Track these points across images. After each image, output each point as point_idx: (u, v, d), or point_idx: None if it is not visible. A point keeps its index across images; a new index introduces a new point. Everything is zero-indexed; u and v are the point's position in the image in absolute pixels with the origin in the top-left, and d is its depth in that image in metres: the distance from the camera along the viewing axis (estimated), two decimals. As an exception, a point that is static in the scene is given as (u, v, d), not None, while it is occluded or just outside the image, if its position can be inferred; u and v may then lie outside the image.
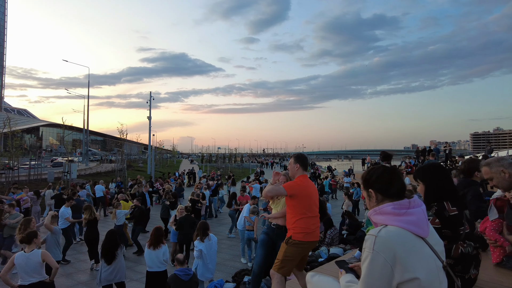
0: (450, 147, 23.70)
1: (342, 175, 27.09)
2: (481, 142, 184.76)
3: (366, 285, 1.40)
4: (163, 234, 6.11)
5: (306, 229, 3.25)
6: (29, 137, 69.59)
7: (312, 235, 3.30)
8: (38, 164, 24.61)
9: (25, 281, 4.61)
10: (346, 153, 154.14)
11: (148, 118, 35.28)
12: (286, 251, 3.21)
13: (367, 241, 1.44)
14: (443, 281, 1.46)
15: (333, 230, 7.88)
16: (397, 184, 1.57)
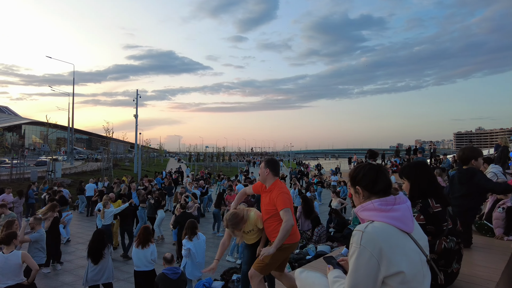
0: (434, 146, 24.35)
1: (329, 173, 27.39)
2: (464, 141, 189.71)
3: (354, 279, 1.44)
4: (151, 233, 6.07)
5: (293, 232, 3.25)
6: (10, 135, 67.71)
7: (296, 235, 3.36)
8: (21, 163, 23.98)
9: (1, 284, 4.44)
10: (333, 152, 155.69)
11: (134, 116, 34.86)
12: (274, 256, 3.15)
13: (354, 236, 1.49)
14: (427, 275, 1.52)
15: (321, 228, 7.99)
16: (383, 181, 1.61)
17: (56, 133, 28.64)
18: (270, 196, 3.31)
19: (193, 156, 65.43)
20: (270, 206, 3.28)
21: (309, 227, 8.11)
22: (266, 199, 3.36)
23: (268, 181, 3.37)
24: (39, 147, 72.11)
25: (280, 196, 3.24)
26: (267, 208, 3.32)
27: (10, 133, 69.10)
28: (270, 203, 3.29)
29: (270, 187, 3.35)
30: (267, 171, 3.36)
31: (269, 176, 3.37)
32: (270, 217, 3.29)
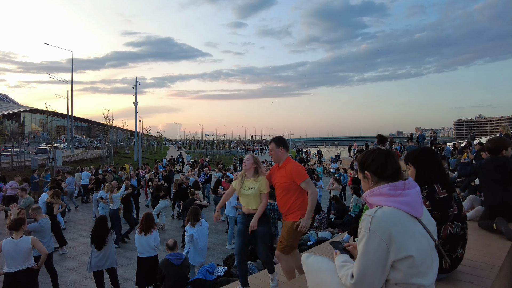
0: (434, 134, 24.28)
1: (329, 161, 27.45)
2: (464, 129, 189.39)
3: (363, 264, 1.45)
4: (153, 220, 6.12)
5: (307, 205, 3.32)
6: (9, 123, 67.50)
7: None
8: (21, 151, 23.98)
9: (12, 268, 4.54)
10: (333, 140, 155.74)
11: (134, 104, 34.69)
12: (296, 235, 3.28)
13: (364, 221, 1.49)
14: (435, 259, 1.53)
15: (321, 214, 8.03)
16: (392, 166, 1.61)
17: (56, 121, 28.53)
18: (285, 169, 3.32)
19: (193, 143, 65.44)
20: (286, 179, 3.28)
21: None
22: (281, 173, 3.36)
23: (282, 159, 3.41)
24: (38, 135, 72.00)
25: (297, 169, 3.26)
26: (283, 181, 3.31)
27: (9, 121, 68.86)
28: (285, 175, 3.29)
29: (284, 163, 3.38)
30: (281, 150, 3.40)
31: (283, 153, 3.41)
32: (287, 193, 3.28)
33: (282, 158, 3.40)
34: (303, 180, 3.21)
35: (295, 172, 3.23)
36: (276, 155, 3.40)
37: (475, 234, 3.20)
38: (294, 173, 3.22)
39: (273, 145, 3.43)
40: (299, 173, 3.23)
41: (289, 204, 3.26)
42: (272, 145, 3.44)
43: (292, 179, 3.23)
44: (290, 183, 3.25)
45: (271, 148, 3.45)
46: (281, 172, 3.36)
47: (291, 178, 3.23)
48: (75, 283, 6.52)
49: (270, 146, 3.47)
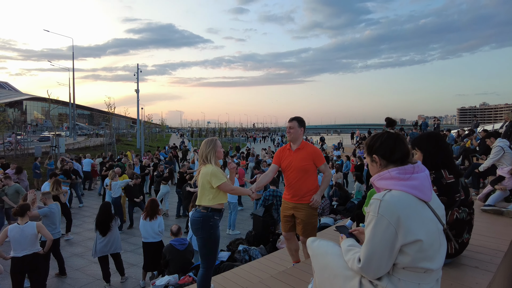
0: (438, 122, 24.11)
1: (331, 149, 27.42)
2: (468, 117, 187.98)
3: (370, 247, 1.44)
4: (158, 206, 6.16)
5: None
6: (12, 111, 67.52)
7: None
8: (24, 139, 24.07)
9: (19, 253, 4.61)
10: (336, 128, 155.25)
11: (135, 91, 34.45)
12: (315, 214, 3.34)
13: (372, 205, 1.47)
14: (443, 243, 1.52)
15: (324, 201, 8.06)
16: (401, 150, 1.58)
17: (58, 108, 28.54)
18: (306, 151, 3.33)
19: (195, 131, 65.46)
20: (307, 162, 3.30)
21: (312, 200, 8.22)
22: (300, 156, 3.33)
23: (299, 140, 3.39)
24: (41, 123, 72.10)
25: (318, 151, 3.38)
26: (304, 164, 3.31)
27: (12, 109, 68.84)
28: (307, 157, 3.30)
29: (302, 145, 3.38)
30: (301, 130, 3.39)
31: (301, 135, 3.41)
32: (304, 174, 3.28)
33: (299, 139, 3.40)
34: (323, 163, 3.34)
35: (316, 154, 3.32)
36: (295, 134, 3.36)
37: (481, 219, 3.19)
38: (316, 155, 3.30)
39: (295, 123, 3.38)
40: (320, 156, 3.35)
41: (308, 186, 3.30)
42: (294, 123, 3.38)
43: (313, 161, 3.29)
44: (310, 165, 3.29)
45: (292, 126, 3.38)
46: (300, 154, 3.33)
47: (312, 160, 3.29)
48: (80, 268, 6.62)
49: (292, 124, 3.39)
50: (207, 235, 2.98)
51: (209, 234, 2.98)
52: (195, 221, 3.01)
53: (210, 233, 2.98)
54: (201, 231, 2.98)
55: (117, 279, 6.05)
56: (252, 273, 3.76)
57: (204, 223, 2.97)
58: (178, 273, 4.78)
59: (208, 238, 2.99)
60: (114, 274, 6.06)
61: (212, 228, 2.98)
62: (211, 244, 3.02)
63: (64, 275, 6.22)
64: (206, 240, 3.00)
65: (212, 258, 3.09)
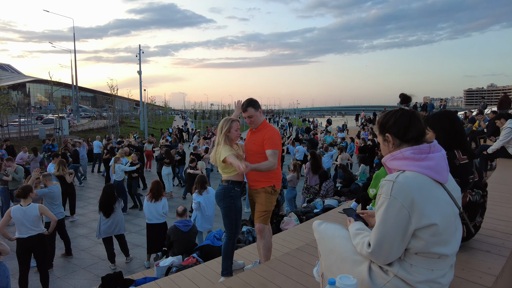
0: (445, 103, 23.74)
1: (336, 131, 27.22)
2: (475, 98, 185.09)
3: (381, 231, 1.35)
4: (162, 188, 6.14)
5: (281, 176, 3.24)
6: (15, 94, 67.46)
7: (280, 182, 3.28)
8: (28, 121, 24.12)
9: (24, 234, 4.64)
10: (340, 109, 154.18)
11: (138, 73, 34.17)
12: (271, 201, 3.14)
13: (384, 186, 1.38)
14: (459, 227, 1.43)
15: (328, 182, 8.01)
16: (416, 128, 1.47)
17: (61, 90, 28.41)
18: (262, 134, 3.08)
19: (198, 113, 65.28)
20: (261, 147, 3.04)
21: (316, 182, 8.15)
22: (255, 139, 3.11)
23: (259, 122, 3.16)
24: (45, 105, 72.12)
25: (271, 135, 3.03)
26: (258, 147, 3.06)
27: (15, 92, 68.73)
28: (260, 141, 3.05)
29: (260, 127, 3.15)
30: (259, 112, 3.15)
31: (261, 115, 3.18)
32: (262, 157, 3.01)
33: (261, 119, 3.15)
34: (271, 148, 2.98)
35: (267, 137, 3.02)
36: (257, 120, 3.12)
37: (494, 202, 3.10)
38: (266, 138, 3.02)
39: (252, 110, 3.08)
40: (271, 140, 3.01)
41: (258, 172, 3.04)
42: (251, 110, 3.08)
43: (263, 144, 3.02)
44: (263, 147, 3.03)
45: (250, 114, 3.08)
46: (255, 137, 3.13)
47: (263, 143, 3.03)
48: (86, 249, 6.70)
49: (249, 113, 3.08)
50: (228, 205, 3.07)
51: (230, 204, 3.07)
52: (218, 193, 3.12)
53: (231, 203, 3.07)
54: (223, 202, 3.08)
55: (122, 260, 6.12)
56: (256, 254, 3.74)
57: (226, 195, 3.06)
58: (182, 254, 4.80)
59: (229, 208, 3.08)
60: (119, 255, 6.13)
61: (233, 199, 3.07)
62: (232, 214, 3.09)
63: (70, 255, 6.30)
64: (227, 210, 3.09)
65: (234, 228, 3.15)
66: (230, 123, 3.08)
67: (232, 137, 3.08)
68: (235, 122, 3.11)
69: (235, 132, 3.08)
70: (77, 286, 5.34)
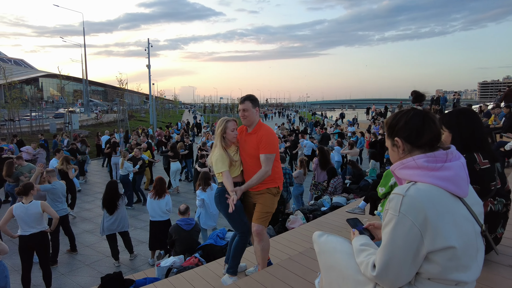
0: (458, 96, 22.98)
1: (346, 124, 26.81)
2: (489, 91, 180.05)
3: (388, 252, 1.16)
4: (165, 184, 6.04)
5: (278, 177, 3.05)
6: (29, 88, 68.56)
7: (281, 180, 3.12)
8: (40, 116, 24.41)
9: (26, 232, 4.61)
10: (351, 103, 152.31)
11: (147, 67, 34.18)
12: (274, 202, 3.00)
13: (392, 201, 1.18)
14: (481, 248, 1.22)
15: (337, 179, 7.79)
16: (430, 131, 1.26)
17: (72, 85, 28.64)
18: (258, 136, 2.88)
19: (207, 107, 65.30)
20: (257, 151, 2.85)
21: (324, 178, 7.94)
22: (252, 142, 2.91)
23: (255, 122, 2.96)
24: (57, 99, 73.12)
25: (267, 138, 2.84)
26: (254, 152, 2.87)
27: (28, 86, 69.86)
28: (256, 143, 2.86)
29: (256, 128, 2.95)
30: (256, 110, 2.95)
31: (257, 115, 2.98)
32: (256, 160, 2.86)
33: (256, 119, 2.96)
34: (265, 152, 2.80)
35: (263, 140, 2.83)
36: (251, 117, 2.91)
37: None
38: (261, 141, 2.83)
39: (248, 104, 2.89)
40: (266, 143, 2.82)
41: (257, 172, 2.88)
42: (248, 104, 2.89)
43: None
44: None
45: (246, 108, 2.88)
46: (252, 139, 2.92)
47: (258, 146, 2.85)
48: (91, 245, 6.67)
49: (245, 106, 2.88)
50: (226, 208, 2.92)
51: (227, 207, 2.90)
52: (215, 197, 3.06)
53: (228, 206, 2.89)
54: (220, 205, 2.99)
55: (126, 257, 6.06)
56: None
57: (221, 198, 2.94)
58: (184, 253, 4.69)
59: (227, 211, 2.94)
60: (123, 252, 6.07)
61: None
62: (235, 215, 2.93)
63: (75, 251, 6.28)
64: (226, 213, 2.96)
65: (243, 226, 3.01)
66: (225, 123, 2.89)
67: (229, 138, 2.91)
68: (230, 122, 2.92)
69: (231, 132, 2.90)
70: (80, 283, 5.30)
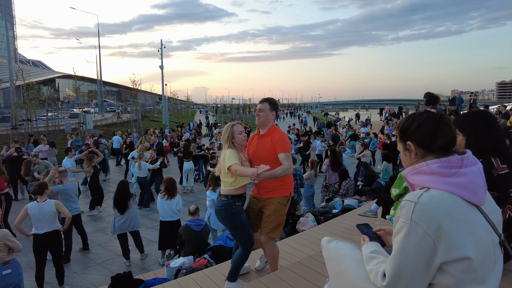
0: (475, 97, 22.34)
1: (359, 125, 26.49)
2: (508, 91, 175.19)
3: (399, 262, 1.11)
4: (175, 184, 6.06)
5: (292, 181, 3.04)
6: (46, 89, 70.33)
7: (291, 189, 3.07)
8: (56, 116, 24.98)
9: (40, 230, 4.69)
10: (364, 103, 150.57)
11: (160, 67, 34.61)
12: (284, 213, 2.93)
13: (403, 208, 1.13)
14: (499, 259, 1.15)
15: (349, 181, 7.67)
16: (445, 135, 1.20)
17: (87, 85, 29.19)
18: (271, 138, 2.89)
19: (219, 107, 65.60)
20: (272, 151, 2.85)
21: (336, 180, 7.84)
22: (266, 143, 2.90)
23: (269, 124, 2.98)
24: (72, 99, 74.77)
25: (281, 139, 2.87)
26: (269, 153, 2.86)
27: (46, 87, 71.70)
28: (271, 146, 2.86)
29: (269, 130, 2.96)
30: (273, 114, 2.97)
31: (272, 120, 2.99)
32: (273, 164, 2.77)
33: (269, 124, 2.97)
34: (283, 151, 2.81)
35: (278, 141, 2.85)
36: (265, 117, 2.94)
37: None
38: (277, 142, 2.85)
39: (266, 105, 2.93)
40: (282, 143, 2.84)
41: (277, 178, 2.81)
42: (266, 105, 2.94)
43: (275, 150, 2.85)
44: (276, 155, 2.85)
45: (262, 108, 2.93)
46: (265, 142, 2.92)
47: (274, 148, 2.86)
48: (103, 244, 6.76)
49: (262, 106, 2.94)
50: (232, 223, 2.87)
51: (234, 222, 2.86)
52: (218, 211, 2.90)
53: (234, 221, 2.86)
54: (226, 220, 2.88)
55: (137, 256, 6.11)
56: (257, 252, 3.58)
57: (227, 212, 2.83)
58: (194, 254, 4.69)
59: (234, 226, 2.88)
60: (134, 251, 6.13)
61: (235, 215, 2.84)
62: (239, 231, 2.89)
63: (87, 250, 6.36)
64: (233, 228, 2.89)
65: (247, 241, 2.94)
66: (231, 128, 2.86)
67: (239, 142, 2.86)
68: (236, 125, 2.90)
69: (239, 136, 2.86)
70: (92, 281, 5.37)
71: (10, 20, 76.79)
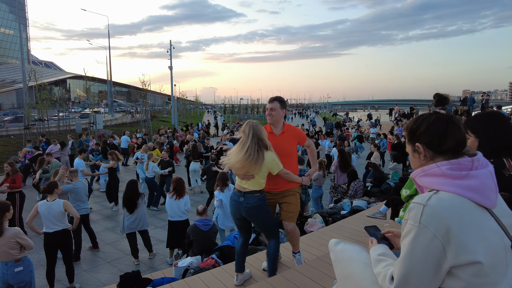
0: (487, 97, 21.87)
1: (368, 125, 26.25)
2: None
3: (408, 265, 1.10)
4: (184, 184, 6.08)
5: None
6: (57, 90, 71.57)
7: None
8: (67, 116, 25.39)
9: (49, 229, 4.77)
10: (373, 103, 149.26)
11: (169, 68, 34.88)
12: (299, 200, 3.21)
13: (412, 211, 1.11)
14: (511, 264, 1.12)
15: (358, 182, 7.60)
16: (454, 137, 1.17)
17: (97, 86, 29.56)
18: (291, 134, 3.19)
19: (228, 108, 65.78)
20: (293, 145, 3.20)
21: (345, 181, 7.77)
22: (287, 139, 3.15)
23: (281, 123, 3.20)
24: (83, 100, 75.93)
25: (300, 131, 3.34)
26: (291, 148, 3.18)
27: (57, 88, 72.99)
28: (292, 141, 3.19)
29: (285, 128, 3.19)
30: (283, 112, 3.17)
31: (283, 117, 3.20)
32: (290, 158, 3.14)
33: (281, 122, 3.19)
34: (306, 139, 3.30)
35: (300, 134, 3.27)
36: (277, 116, 3.11)
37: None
38: (299, 135, 3.24)
39: (277, 104, 3.11)
40: (303, 134, 3.32)
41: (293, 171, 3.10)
42: (276, 104, 3.10)
43: (298, 143, 3.22)
44: (295, 148, 3.22)
45: (273, 107, 3.08)
46: (286, 138, 3.15)
47: (297, 142, 3.22)
48: (112, 243, 6.83)
49: (273, 105, 3.09)
50: (269, 216, 3.02)
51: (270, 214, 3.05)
52: (255, 207, 2.89)
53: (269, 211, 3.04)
54: (263, 214, 2.97)
55: (146, 255, 6.16)
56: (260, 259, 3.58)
57: (265, 205, 2.96)
58: (202, 254, 4.70)
59: (270, 217, 3.04)
60: (143, 250, 6.18)
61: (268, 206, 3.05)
62: (272, 222, 3.06)
63: (97, 248, 6.44)
64: (267, 219, 3.01)
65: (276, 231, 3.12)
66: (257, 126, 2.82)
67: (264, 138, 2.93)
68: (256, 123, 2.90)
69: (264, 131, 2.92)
70: (101, 279, 5.43)
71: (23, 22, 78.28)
